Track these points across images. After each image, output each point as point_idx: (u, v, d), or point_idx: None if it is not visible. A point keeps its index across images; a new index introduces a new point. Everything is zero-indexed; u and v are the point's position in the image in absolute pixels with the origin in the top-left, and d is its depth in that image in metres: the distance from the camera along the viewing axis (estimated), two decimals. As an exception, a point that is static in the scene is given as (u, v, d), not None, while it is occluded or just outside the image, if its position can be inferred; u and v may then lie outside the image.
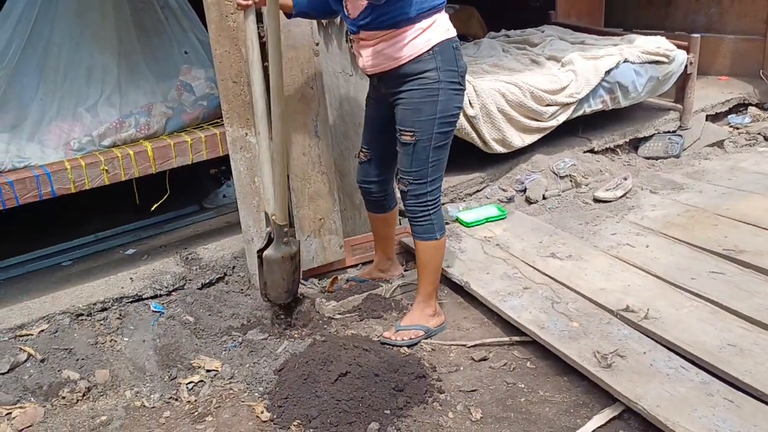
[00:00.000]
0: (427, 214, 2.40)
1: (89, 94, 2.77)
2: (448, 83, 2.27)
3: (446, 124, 2.32)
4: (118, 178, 2.66)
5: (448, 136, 2.36)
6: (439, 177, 2.40)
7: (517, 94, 3.48)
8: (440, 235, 2.45)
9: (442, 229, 2.46)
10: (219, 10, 2.48)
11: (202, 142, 2.83)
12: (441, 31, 2.25)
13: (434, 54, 2.24)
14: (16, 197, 2.44)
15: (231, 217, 3.34)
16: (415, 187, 2.38)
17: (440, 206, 2.45)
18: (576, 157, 3.75)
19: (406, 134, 2.33)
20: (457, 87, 2.31)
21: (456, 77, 2.29)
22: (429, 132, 2.30)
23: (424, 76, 2.26)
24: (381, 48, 2.28)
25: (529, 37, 4.48)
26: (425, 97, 2.27)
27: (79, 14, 2.80)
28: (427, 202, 2.39)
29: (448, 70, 2.26)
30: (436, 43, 2.24)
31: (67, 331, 2.51)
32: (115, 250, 3.12)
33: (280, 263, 2.54)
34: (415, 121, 2.30)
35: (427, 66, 2.25)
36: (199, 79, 2.99)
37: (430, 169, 2.35)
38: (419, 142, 2.31)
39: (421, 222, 2.42)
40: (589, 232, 3.11)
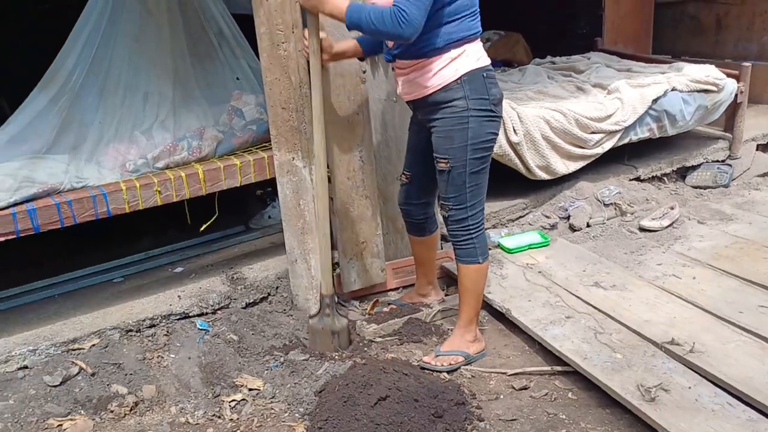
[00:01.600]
0: (469, 238, 2.43)
1: (145, 117, 2.89)
2: (477, 111, 2.31)
3: (480, 150, 2.35)
4: (170, 199, 2.75)
5: (483, 162, 2.38)
6: (479, 201, 2.42)
7: (562, 121, 3.48)
8: (483, 259, 2.46)
9: (485, 253, 2.47)
10: (271, 39, 2.57)
11: (251, 165, 2.91)
12: (470, 61, 2.29)
13: (462, 83, 2.29)
14: (74, 216, 2.54)
15: (275, 238, 3.40)
16: (455, 213, 2.41)
17: (483, 230, 2.47)
18: (621, 185, 3.72)
19: (442, 161, 2.39)
20: (489, 114, 2.34)
21: (487, 105, 2.32)
22: (462, 159, 2.34)
23: (453, 104, 2.31)
24: (413, 77, 2.36)
25: (575, 64, 4.47)
26: (455, 125, 2.32)
27: (138, 40, 2.93)
28: (469, 227, 2.42)
29: (478, 99, 2.30)
30: (464, 72, 2.28)
31: (117, 346, 2.59)
32: (164, 268, 3.20)
33: (320, 334, 2.65)
34: (449, 149, 2.35)
35: (455, 95, 2.30)
36: (249, 104, 3.09)
37: (469, 194, 2.38)
38: (454, 169, 2.36)
39: (464, 246, 2.44)
40: (634, 262, 3.07)
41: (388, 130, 2.97)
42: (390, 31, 2.14)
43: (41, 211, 2.49)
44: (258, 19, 2.56)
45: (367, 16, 2.17)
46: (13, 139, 2.62)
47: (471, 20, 2.28)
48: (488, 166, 2.42)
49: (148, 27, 2.94)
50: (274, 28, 2.55)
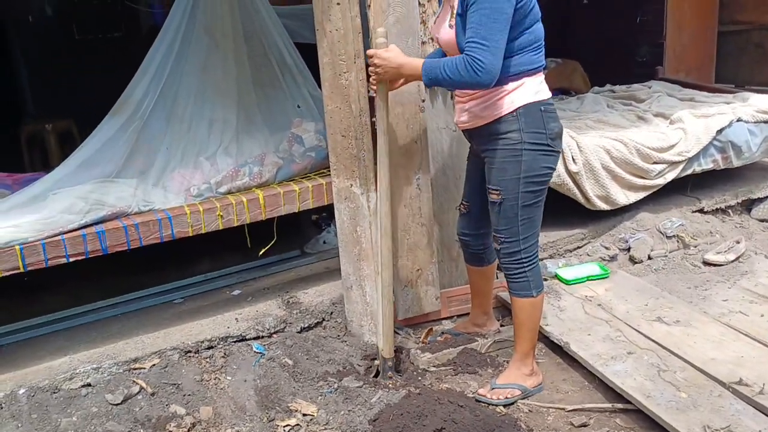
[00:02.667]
0: (522, 272, 2.39)
1: (210, 144, 2.98)
2: (532, 144, 2.27)
3: (533, 183, 2.31)
4: (231, 224, 2.81)
5: (537, 196, 2.34)
6: (532, 234, 2.38)
7: (623, 151, 3.42)
8: (537, 292, 2.42)
9: (539, 286, 2.43)
10: (333, 69, 2.62)
11: (309, 191, 2.95)
12: (528, 94, 2.26)
13: (518, 116, 2.26)
14: (141, 238, 2.63)
15: (330, 263, 3.43)
16: (508, 245, 2.38)
17: (537, 263, 2.43)
18: (684, 217, 3.62)
19: (493, 193, 2.36)
20: (545, 148, 2.29)
21: (543, 139, 2.28)
22: (515, 191, 2.30)
23: (507, 136, 2.29)
24: (470, 106, 2.36)
25: (636, 93, 4.41)
26: (508, 156, 2.30)
27: (204, 70, 3.04)
28: (522, 260, 2.38)
29: (533, 132, 2.27)
30: (520, 105, 2.25)
31: (176, 366, 2.64)
32: (222, 290, 3.27)
33: None
34: (501, 180, 2.32)
35: (510, 127, 2.28)
36: (309, 131, 3.15)
37: (521, 227, 2.34)
38: (505, 201, 2.33)
39: (517, 279, 2.41)
40: (698, 297, 2.98)
41: (446, 158, 2.98)
42: (468, 81, 2.14)
43: (110, 233, 2.58)
44: (321, 50, 2.62)
45: (443, 72, 2.17)
46: (85, 163, 2.74)
47: (533, 54, 2.26)
48: (542, 200, 2.37)
49: (215, 57, 3.05)
50: (336, 58, 2.61)
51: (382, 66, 2.32)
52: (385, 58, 2.31)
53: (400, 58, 2.31)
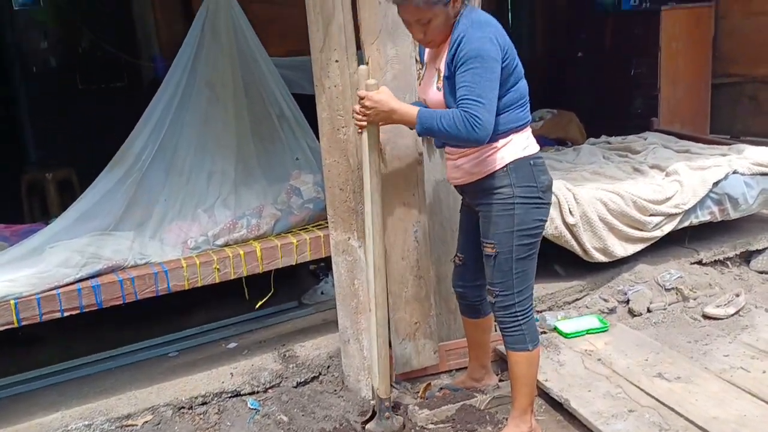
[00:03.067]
0: (517, 325, 2.37)
1: (208, 195, 3.00)
2: (523, 198, 2.28)
3: (526, 236, 2.31)
4: (228, 277, 2.80)
5: (530, 248, 2.34)
6: (526, 288, 2.37)
7: (619, 203, 3.43)
8: (532, 346, 2.39)
9: (535, 340, 2.41)
10: (331, 124, 2.65)
11: (307, 243, 2.95)
12: (516, 150, 2.28)
13: (508, 171, 2.27)
14: (136, 292, 2.62)
15: (328, 315, 3.40)
16: (502, 299, 2.37)
17: (532, 316, 2.41)
18: (682, 269, 3.60)
19: (488, 246, 2.36)
20: (537, 201, 2.31)
21: (535, 192, 2.30)
22: (509, 245, 2.30)
23: (499, 191, 2.30)
24: (461, 163, 2.36)
25: (631, 144, 4.45)
26: (501, 211, 2.30)
27: (204, 122, 3.07)
28: (517, 313, 2.37)
29: (525, 186, 2.28)
30: (510, 161, 2.27)
31: (169, 423, 2.60)
32: (218, 342, 3.23)
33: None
34: (495, 234, 2.33)
35: (501, 182, 2.29)
36: (307, 183, 3.16)
37: (515, 280, 2.34)
38: (500, 254, 2.32)
39: (513, 332, 2.39)
40: (698, 352, 2.94)
41: (443, 211, 2.98)
42: (464, 136, 2.14)
43: (105, 287, 2.57)
44: (320, 105, 2.65)
45: (439, 124, 2.16)
46: (83, 216, 2.75)
47: (519, 111, 2.29)
48: (536, 252, 2.38)
49: (215, 109, 3.09)
50: (335, 113, 2.64)
51: (374, 108, 2.29)
52: (376, 101, 2.28)
53: (392, 102, 2.29)
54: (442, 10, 2.19)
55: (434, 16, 2.19)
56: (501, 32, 2.21)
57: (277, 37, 4.48)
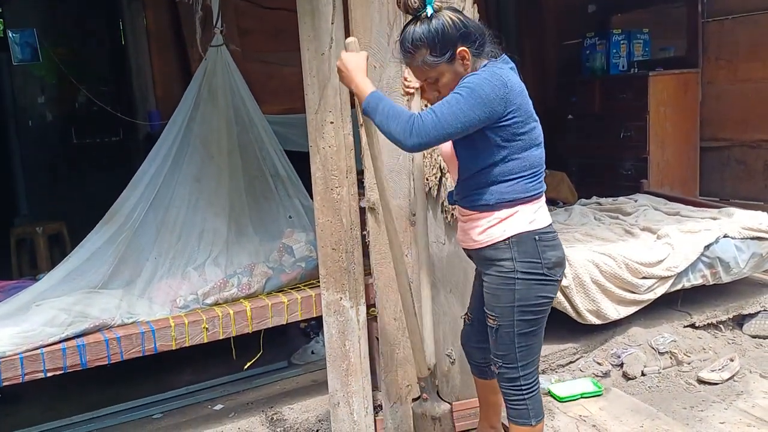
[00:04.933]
0: (521, 399, 2.29)
1: (199, 254, 2.98)
2: (526, 273, 2.18)
3: (528, 312, 2.21)
4: (216, 336, 2.76)
5: (533, 324, 2.23)
6: (531, 362, 2.28)
7: (612, 266, 3.43)
8: (536, 422, 2.30)
9: (539, 415, 2.32)
10: (325, 184, 2.66)
11: (298, 303, 2.92)
12: (521, 223, 2.18)
13: (510, 244, 2.18)
14: (121, 352, 2.56)
15: (317, 376, 3.34)
16: (506, 371, 2.29)
17: (537, 391, 2.32)
18: (676, 332, 3.58)
19: (490, 318, 2.28)
20: (540, 278, 2.19)
21: (539, 269, 2.18)
22: (509, 318, 2.21)
23: (501, 264, 2.21)
24: (466, 227, 2.30)
25: (622, 206, 4.48)
26: (502, 284, 2.21)
27: (198, 181, 3.08)
28: (521, 387, 2.28)
29: (528, 262, 2.18)
30: (513, 234, 2.17)
31: (151, 489, 2.51)
32: (204, 404, 3.15)
33: (421, 420, 2.57)
34: (495, 306, 2.24)
35: (502, 255, 2.20)
36: (299, 242, 3.15)
37: (519, 354, 2.24)
38: (501, 328, 2.24)
39: (516, 405, 2.31)
40: (694, 419, 2.89)
41: (437, 271, 2.96)
42: (396, 133, 2.03)
43: (90, 347, 2.52)
44: (314, 165, 2.67)
45: (383, 108, 2.06)
46: (71, 274, 2.72)
47: (529, 182, 2.18)
48: (541, 328, 2.27)
49: (209, 169, 3.10)
50: (329, 173, 2.65)
51: (339, 66, 2.18)
52: (344, 61, 2.16)
53: (357, 71, 2.15)
54: (447, 68, 2.12)
55: (440, 74, 2.13)
56: (515, 89, 2.09)
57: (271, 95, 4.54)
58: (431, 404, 2.56)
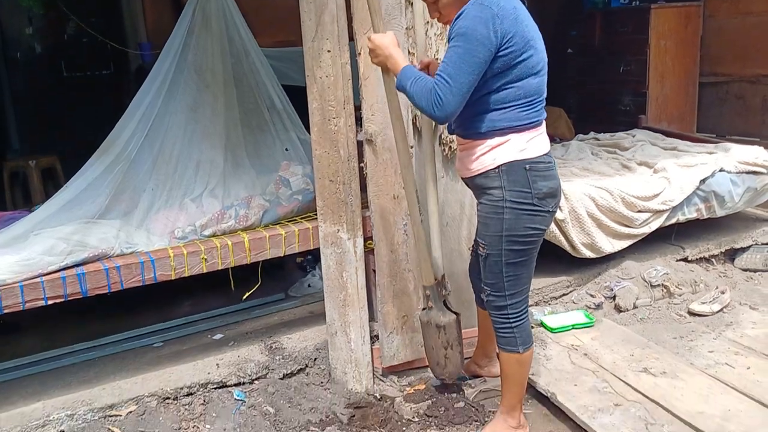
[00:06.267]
0: (509, 327, 2.34)
1: (196, 185, 2.96)
2: (515, 203, 2.20)
3: (516, 242, 2.23)
4: (215, 267, 2.77)
5: (522, 254, 2.27)
6: (519, 292, 2.32)
7: (608, 199, 3.44)
8: (523, 349, 2.36)
9: (527, 342, 2.37)
10: (322, 115, 2.63)
11: (295, 235, 2.93)
12: (512, 152, 2.19)
13: (500, 173, 2.20)
14: (121, 281, 2.58)
15: (315, 307, 3.39)
16: (494, 299, 2.34)
17: (525, 320, 2.37)
18: (668, 266, 3.63)
19: (480, 245, 2.33)
20: (529, 208, 2.21)
21: (528, 198, 2.20)
22: (497, 248, 2.25)
23: (491, 192, 2.24)
24: (463, 156, 2.33)
25: (620, 141, 4.46)
26: (491, 213, 2.24)
27: (193, 111, 3.03)
28: (509, 315, 2.33)
29: (517, 191, 2.19)
30: (503, 162, 2.19)
31: (154, 413, 2.57)
32: (204, 333, 3.20)
33: (426, 328, 2.66)
34: (485, 235, 2.29)
35: (492, 183, 2.22)
36: (296, 174, 3.14)
37: (506, 283, 2.29)
38: (490, 256, 2.28)
39: (503, 333, 2.36)
40: (684, 348, 2.97)
41: (433, 204, 2.97)
42: (425, 109, 2.12)
43: (90, 276, 2.53)
44: (311, 95, 2.63)
45: (412, 85, 2.13)
46: (68, 204, 2.70)
47: (522, 110, 2.17)
48: (531, 258, 2.31)
49: (204, 99, 3.05)
50: (326, 104, 2.62)
51: (373, 51, 2.28)
52: (377, 44, 2.26)
53: (391, 48, 2.25)
54: None
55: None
56: (507, 17, 2.06)
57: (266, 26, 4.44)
58: (436, 313, 2.63)
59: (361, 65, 2.65)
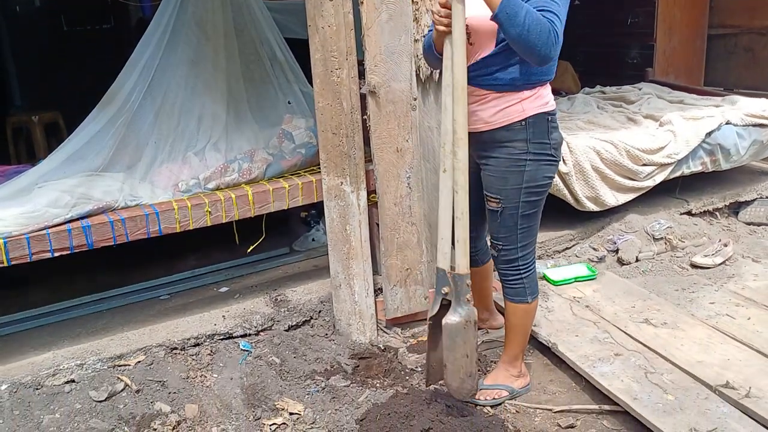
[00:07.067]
0: (519, 278, 2.37)
1: (198, 139, 2.95)
2: (536, 154, 2.21)
3: (534, 193, 2.25)
4: (219, 220, 2.78)
5: (536, 205, 2.29)
6: (530, 242, 2.35)
7: (613, 153, 3.43)
8: (531, 298, 2.39)
9: (534, 293, 2.41)
10: (325, 66, 2.60)
11: (299, 188, 2.93)
12: (539, 104, 2.19)
13: (526, 125, 2.18)
14: (126, 234, 2.60)
15: (319, 261, 3.41)
16: (506, 253, 2.35)
17: (534, 269, 2.40)
18: (672, 219, 3.63)
19: (492, 201, 2.30)
20: (548, 158, 2.24)
21: (548, 149, 2.22)
22: (515, 200, 2.24)
23: (512, 145, 2.21)
24: (475, 108, 2.23)
25: (626, 95, 4.42)
26: (511, 166, 2.22)
27: (194, 64, 3.00)
28: (519, 267, 2.35)
29: (539, 143, 2.20)
30: (531, 114, 2.18)
31: (162, 363, 2.62)
32: (210, 287, 3.24)
33: (463, 332, 2.12)
34: (501, 189, 2.26)
35: (516, 136, 2.20)
36: (299, 128, 3.12)
37: (520, 235, 2.30)
38: (505, 210, 2.27)
39: (513, 285, 2.38)
40: (685, 299, 2.99)
41: (437, 158, 2.96)
42: (537, 46, 1.93)
43: (95, 228, 2.55)
44: (313, 46, 2.60)
45: (527, 16, 1.91)
46: (71, 157, 2.70)
47: (552, 63, 2.13)
48: (541, 208, 2.33)
49: (205, 51, 3.02)
50: (328, 54, 2.59)
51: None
52: None
53: None
54: None
55: None
56: None
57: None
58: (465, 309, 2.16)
59: (364, 14, 2.61)
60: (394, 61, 2.67)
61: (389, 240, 2.88)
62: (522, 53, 2.03)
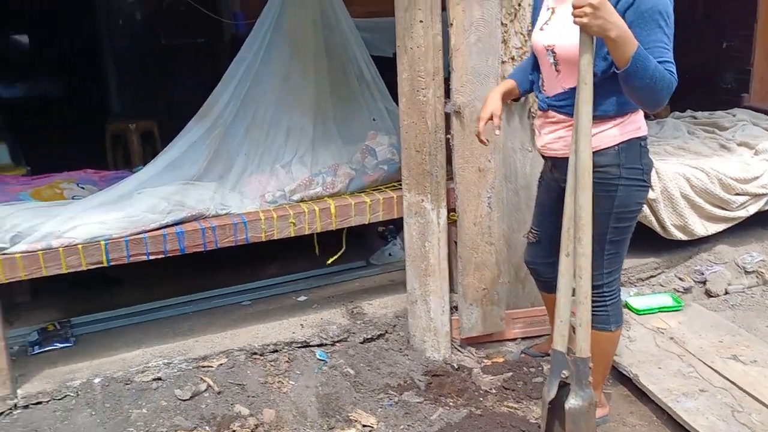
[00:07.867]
0: (603, 305, 2.31)
1: (286, 152, 3.06)
2: (629, 180, 2.17)
3: (624, 219, 2.20)
4: (302, 232, 2.86)
5: (625, 231, 2.24)
6: (616, 269, 2.29)
7: (704, 180, 3.31)
8: (615, 327, 2.33)
9: (618, 321, 2.35)
10: (411, 85, 2.65)
11: (380, 203, 2.98)
12: (632, 129, 2.16)
13: (619, 150, 2.15)
14: (216, 241, 2.71)
15: (395, 276, 3.45)
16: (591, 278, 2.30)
17: (619, 297, 2.34)
18: (765, 252, 3.46)
19: None
20: (640, 184, 2.19)
21: (640, 174, 2.18)
22: (604, 227, 2.20)
23: (604, 170, 2.16)
24: (565, 133, 2.21)
25: (719, 120, 4.25)
26: (601, 191, 2.16)
27: (285, 80, 3.12)
28: (604, 294, 2.30)
29: (631, 168, 2.16)
30: (624, 140, 2.14)
31: (242, 367, 2.71)
32: (289, 295, 3.33)
33: (586, 415, 2.08)
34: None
35: (609, 161, 2.16)
36: (382, 144, 3.18)
37: (606, 261, 2.25)
38: (594, 236, 2.18)
39: (597, 312, 2.31)
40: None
41: (519, 179, 2.95)
42: (660, 94, 1.94)
43: (188, 234, 2.67)
44: (401, 66, 2.65)
45: (656, 67, 1.90)
46: (169, 166, 2.85)
47: None
48: (630, 235, 2.27)
49: (296, 67, 3.13)
50: (415, 74, 2.63)
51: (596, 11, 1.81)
52: (604, 5, 1.83)
53: (616, 15, 1.86)
54: None
55: None
56: None
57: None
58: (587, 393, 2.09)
59: (453, 36, 2.64)
60: (480, 82, 2.69)
61: (467, 259, 2.88)
62: (639, 101, 2.04)
